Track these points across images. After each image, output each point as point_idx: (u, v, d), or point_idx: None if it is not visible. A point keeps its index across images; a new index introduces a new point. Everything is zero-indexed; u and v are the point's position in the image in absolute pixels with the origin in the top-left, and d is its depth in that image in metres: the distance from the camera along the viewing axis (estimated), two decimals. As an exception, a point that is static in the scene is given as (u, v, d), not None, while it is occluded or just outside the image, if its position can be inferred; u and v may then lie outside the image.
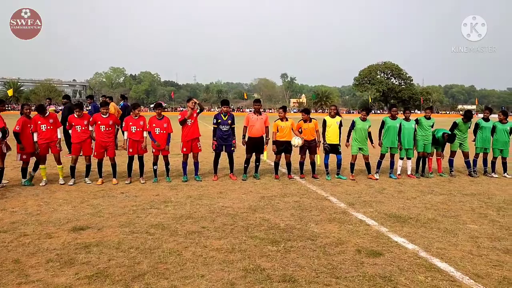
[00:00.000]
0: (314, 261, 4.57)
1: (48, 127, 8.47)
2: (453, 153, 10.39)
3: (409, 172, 9.93)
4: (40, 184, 8.41)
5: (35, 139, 8.37)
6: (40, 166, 8.64)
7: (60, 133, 8.75)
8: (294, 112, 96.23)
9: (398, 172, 9.81)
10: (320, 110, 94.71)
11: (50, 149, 8.61)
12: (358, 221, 6.20)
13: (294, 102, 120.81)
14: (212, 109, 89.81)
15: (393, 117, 9.68)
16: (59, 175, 8.74)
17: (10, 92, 70.24)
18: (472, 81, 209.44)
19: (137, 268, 4.29)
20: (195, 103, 9.06)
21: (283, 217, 6.34)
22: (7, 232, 5.43)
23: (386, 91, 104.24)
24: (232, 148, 9.27)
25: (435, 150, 10.20)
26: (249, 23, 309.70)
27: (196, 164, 9.28)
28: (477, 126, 10.42)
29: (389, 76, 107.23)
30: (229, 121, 9.18)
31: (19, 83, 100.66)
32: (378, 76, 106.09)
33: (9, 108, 68.17)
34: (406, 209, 6.94)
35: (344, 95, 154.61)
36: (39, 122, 8.39)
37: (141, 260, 4.51)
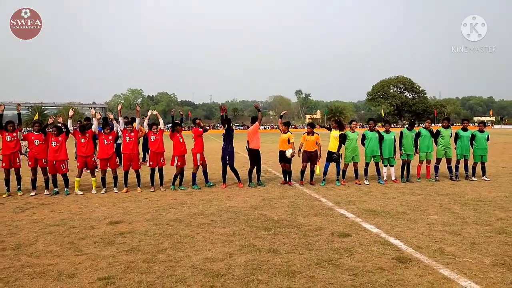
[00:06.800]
0: (296, 240, 5.94)
1: (84, 144, 10.11)
2: (438, 160, 11.59)
3: (393, 178, 11.17)
4: (78, 193, 9.99)
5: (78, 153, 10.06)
6: (76, 178, 10.24)
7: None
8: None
9: (385, 178, 11.08)
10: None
11: (86, 164, 10.21)
12: (339, 215, 7.52)
13: (309, 118, 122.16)
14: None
15: (387, 131, 11.09)
16: (93, 186, 10.32)
17: (36, 116, 73.78)
18: (491, 93, 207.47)
19: (160, 246, 5.74)
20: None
21: (278, 212, 7.73)
22: (59, 225, 6.97)
23: (399, 105, 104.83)
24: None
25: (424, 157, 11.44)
26: (262, 39, 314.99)
27: (205, 172, 10.89)
28: (456, 135, 11.63)
29: (402, 90, 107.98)
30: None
31: (43, 107, 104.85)
32: (391, 91, 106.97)
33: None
34: (383, 206, 8.23)
35: (359, 109, 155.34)
36: (79, 136, 10.05)
37: (163, 241, 5.96)
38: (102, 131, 10.33)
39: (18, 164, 10.08)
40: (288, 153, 10.63)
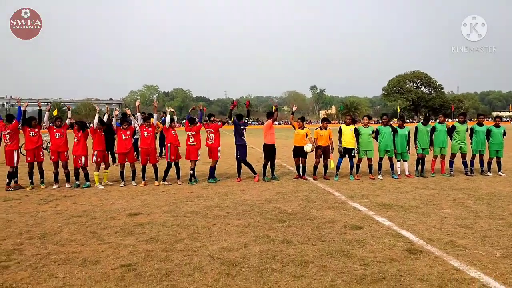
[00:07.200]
0: (309, 232, 6.10)
1: (103, 138, 10.48)
2: (453, 155, 11.57)
3: (406, 173, 11.20)
4: (99, 186, 10.34)
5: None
6: (94, 172, 10.58)
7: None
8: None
9: (399, 173, 11.12)
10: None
11: (104, 158, 10.57)
12: (352, 208, 7.65)
13: (324, 114, 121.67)
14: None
15: (401, 126, 11.15)
16: (104, 178, 10.69)
17: (55, 113, 75.34)
18: (510, 87, 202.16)
19: (178, 236, 5.97)
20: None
21: (291, 205, 7.89)
22: (82, 216, 7.28)
23: (415, 100, 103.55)
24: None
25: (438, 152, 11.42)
26: (276, 33, 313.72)
27: (211, 168, 11.04)
28: (472, 130, 11.58)
29: (418, 85, 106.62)
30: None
31: (61, 103, 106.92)
32: (407, 86, 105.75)
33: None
34: (396, 200, 8.31)
35: (375, 105, 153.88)
36: (98, 131, 10.41)
37: (180, 232, 6.19)
38: (120, 126, 10.64)
39: (41, 158, 10.48)
40: (308, 148, 10.77)
